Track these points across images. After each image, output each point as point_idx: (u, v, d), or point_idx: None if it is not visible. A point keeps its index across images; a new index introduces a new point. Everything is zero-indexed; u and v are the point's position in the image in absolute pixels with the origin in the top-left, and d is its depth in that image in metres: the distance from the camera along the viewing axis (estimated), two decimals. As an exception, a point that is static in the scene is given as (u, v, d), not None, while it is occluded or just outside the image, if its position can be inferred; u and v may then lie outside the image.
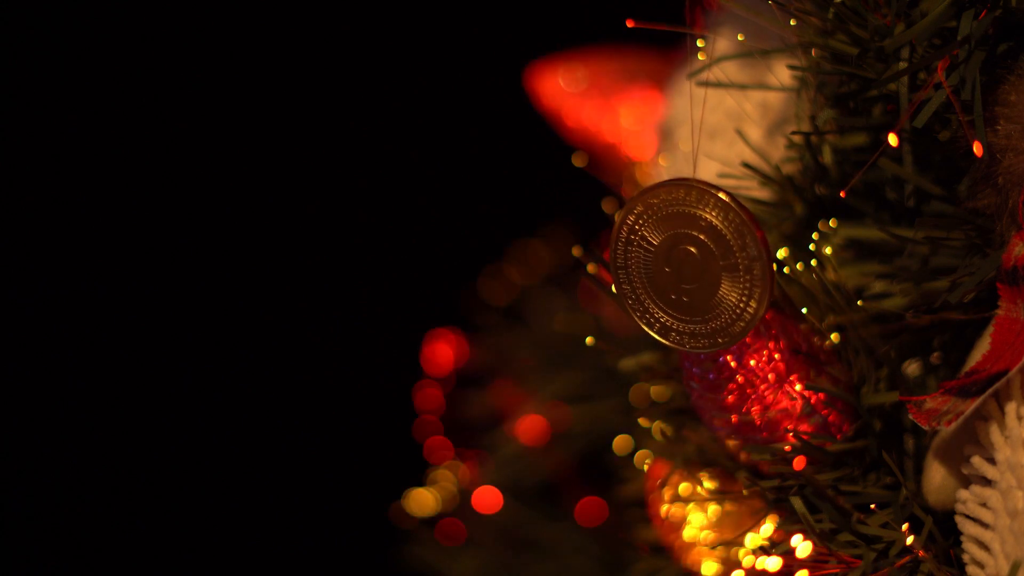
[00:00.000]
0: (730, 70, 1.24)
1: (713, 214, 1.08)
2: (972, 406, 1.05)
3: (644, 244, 1.10)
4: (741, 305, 1.09)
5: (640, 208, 1.10)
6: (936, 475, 1.13)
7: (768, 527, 1.16)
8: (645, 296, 1.11)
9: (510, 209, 2.12)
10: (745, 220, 1.07)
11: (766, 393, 1.15)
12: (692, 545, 1.29)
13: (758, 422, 1.15)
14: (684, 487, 1.26)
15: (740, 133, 1.28)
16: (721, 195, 1.07)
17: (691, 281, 1.10)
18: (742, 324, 1.09)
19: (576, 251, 1.28)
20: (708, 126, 1.32)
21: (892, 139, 1.09)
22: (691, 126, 1.30)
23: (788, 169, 1.22)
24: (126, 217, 2.26)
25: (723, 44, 1.28)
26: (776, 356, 1.15)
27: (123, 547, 2.24)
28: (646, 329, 1.12)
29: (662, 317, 1.11)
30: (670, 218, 1.09)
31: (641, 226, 1.10)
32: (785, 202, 1.23)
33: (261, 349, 2.29)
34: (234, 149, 2.28)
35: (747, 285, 1.08)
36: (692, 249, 1.09)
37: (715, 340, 1.10)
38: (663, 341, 1.12)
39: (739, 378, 1.15)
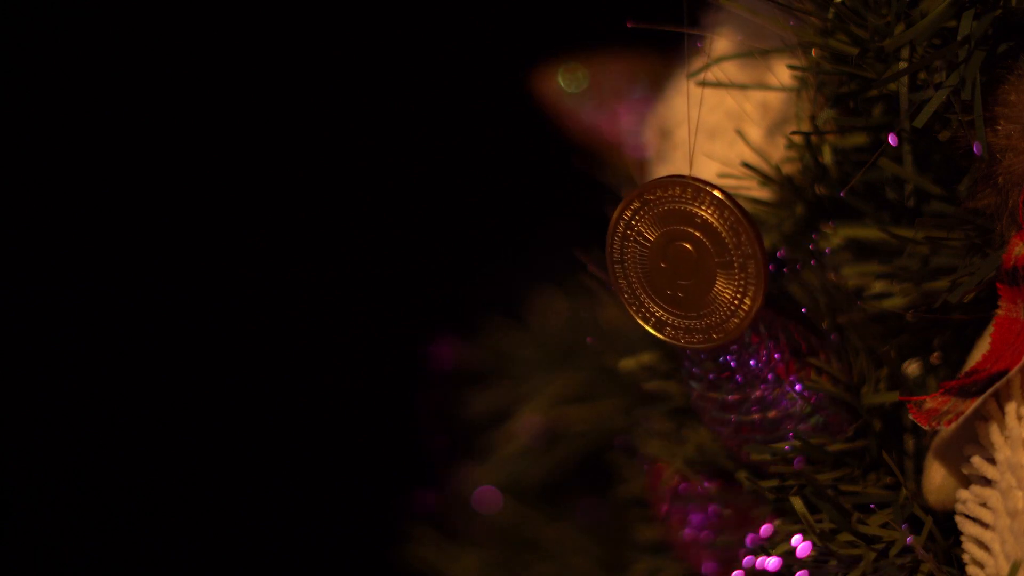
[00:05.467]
0: (730, 70, 1.25)
1: (709, 212, 1.08)
2: (972, 406, 1.05)
3: (640, 239, 1.11)
4: (736, 302, 1.09)
5: (636, 204, 1.10)
6: (936, 475, 1.13)
7: (768, 527, 1.16)
8: (641, 291, 1.12)
9: (510, 209, 2.12)
10: (740, 218, 1.08)
11: (766, 393, 1.15)
12: (692, 545, 1.29)
13: (758, 422, 1.15)
14: (684, 487, 1.26)
15: (740, 133, 1.28)
16: (716, 193, 1.08)
17: (687, 277, 1.10)
18: (736, 320, 1.10)
19: (576, 251, 1.28)
20: (708, 126, 1.32)
21: (892, 139, 1.09)
22: (688, 125, 1.31)
23: (788, 169, 1.22)
24: (124, 217, 2.26)
25: (723, 44, 1.29)
26: (776, 356, 1.15)
27: (123, 547, 2.24)
28: (641, 323, 1.12)
29: (657, 312, 1.12)
30: (666, 215, 1.10)
31: (637, 222, 1.11)
32: (785, 202, 1.23)
33: (261, 349, 2.29)
34: (235, 149, 2.28)
35: (741, 282, 1.09)
36: (688, 246, 1.10)
37: (710, 336, 1.11)
38: (658, 335, 1.12)
39: (739, 378, 1.15)
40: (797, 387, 1.15)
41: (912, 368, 1.19)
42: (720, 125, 1.32)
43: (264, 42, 2.26)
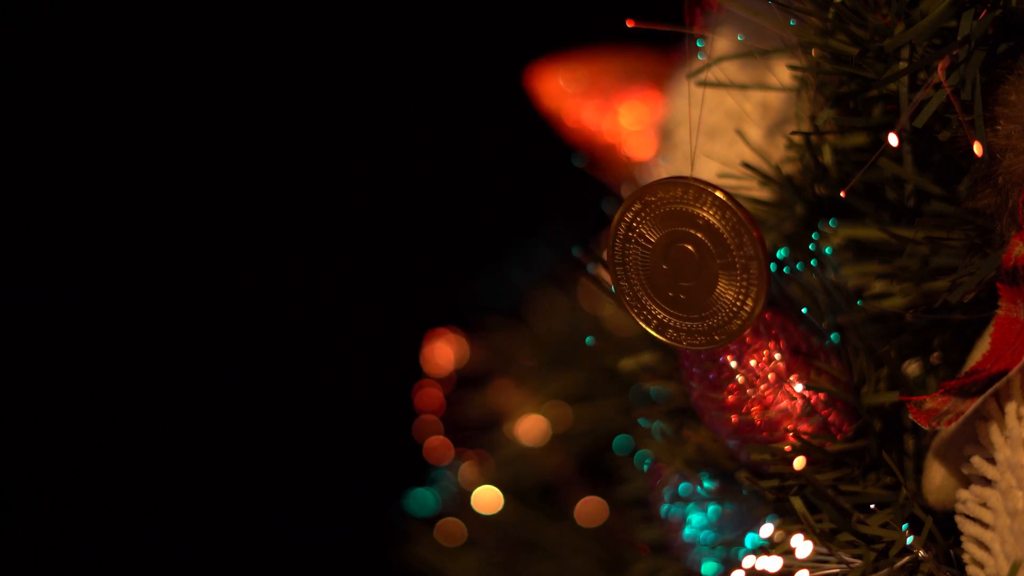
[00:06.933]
0: (730, 70, 1.24)
1: (710, 213, 1.08)
2: (972, 406, 1.05)
3: (642, 241, 1.11)
4: (738, 303, 1.09)
5: (638, 205, 1.10)
6: (936, 475, 1.13)
7: (768, 527, 1.16)
8: (642, 293, 1.12)
9: (510, 209, 2.12)
10: (742, 219, 1.07)
11: (766, 393, 1.15)
12: (692, 545, 1.29)
13: (758, 422, 1.15)
14: (684, 487, 1.26)
15: (740, 133, 1.28)
16: (718, 194, 1.08)
17: (688, 279, 1.10)
18: (739, 322, 1.09)
19: (576, 251, 1.28)
20: (708, 126, 1.32)
21: (892, 139, 1.09)
22: (689, 125, 1.30)
23: (788, 169, 1.22)
24: (124, 217, 2.26)
25: (723, 44, 1.29)
26: (776, 356, 1.15)
27: (123, 547, 2.24)
28: (643, 326, 1.12)
29: (659, 314, 1.12)
30: (668, 216, 1.09)
31: (639, 223, 1.10)
32: (785, 202, 1.23)
33: (261, 349, 2.29)
34: (235, 149, 2.28)
35: (744, 283, 1.09)
36: (689, 247, 1.09)
37: (712, 338, 1.11)
38: (660, 338, 1.12)
39: (739, 378, 1.15)
40: (797, 387, 1.15)
41: (912, 368, 1.19)
42: (720, 125, 1.32)
43: (264, 42, 2.26)
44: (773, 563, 1.13)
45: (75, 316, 2.25)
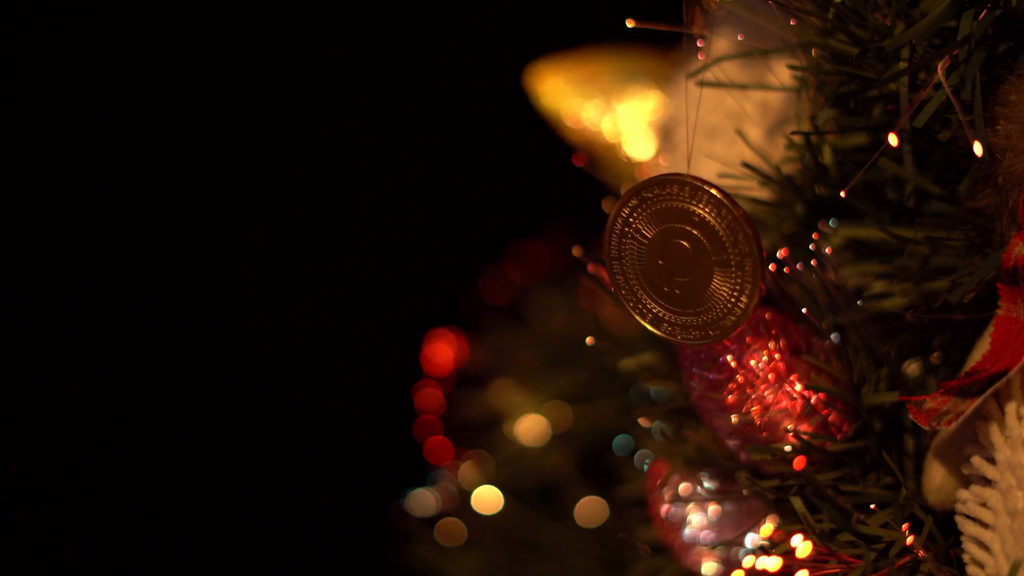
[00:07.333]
0: (730, 70, 1.25)
1: (706, 210, 1.09)
2: (972, 406, 1.05)
3: (638, 237, 1.11)
4: (732, 300, 1.10)
5: (634, 202, 1.11)
6: (936, 475, 1.13)
7: (768, 527, 1.16)
8: (638, 287, 1.12)
9: (510, 209, 2.12)
10: (737, 217, 1.08)
11: (766, 393, 1.15)
12: (692, 545, 1.29)
13: (758, 422, 1.15)
14: (684, 487, 1.26)
15: (740, 133, 1.28)
16: (714, 191, 1.08)
17: (684, 274, 1.11)
18: (733, 318, 1.10)
19: (576, 251, 1.28)
20: (708, 126, 1.32)
21: (892, 139, 1.09)
22: (687, 125, 1.31)
23: (788, 169, 1.22)
24: (124, 217, 2.26)
25: (723, 44, 1.29)
26: (776, 356, 1.15)
27: (123, 547, 2.24)
28: (638, 319, 1.13)
29: (654, 308, 1.12)
30: (664, 212, 1.10)
31: (635, 219, 1.11)
32: (785, 202, 1.23)
33: (261, 349, 2.29)
34: (235, 149, 2.28)
35: (738, 280, 1.09)
36: (685, 243, 1.10)
37: (706, 333, 1.11)
38: (655, 331, 1.12)
39: (739, 378, 1.15)
40: (797, 387, 1.15)
41: (912, 368, 1.19)
42: (720, 125, 1.32)
43: (264, 42, 2.26)
44: (773, 563, 1.13)
45: (75, 316, 2.25)
